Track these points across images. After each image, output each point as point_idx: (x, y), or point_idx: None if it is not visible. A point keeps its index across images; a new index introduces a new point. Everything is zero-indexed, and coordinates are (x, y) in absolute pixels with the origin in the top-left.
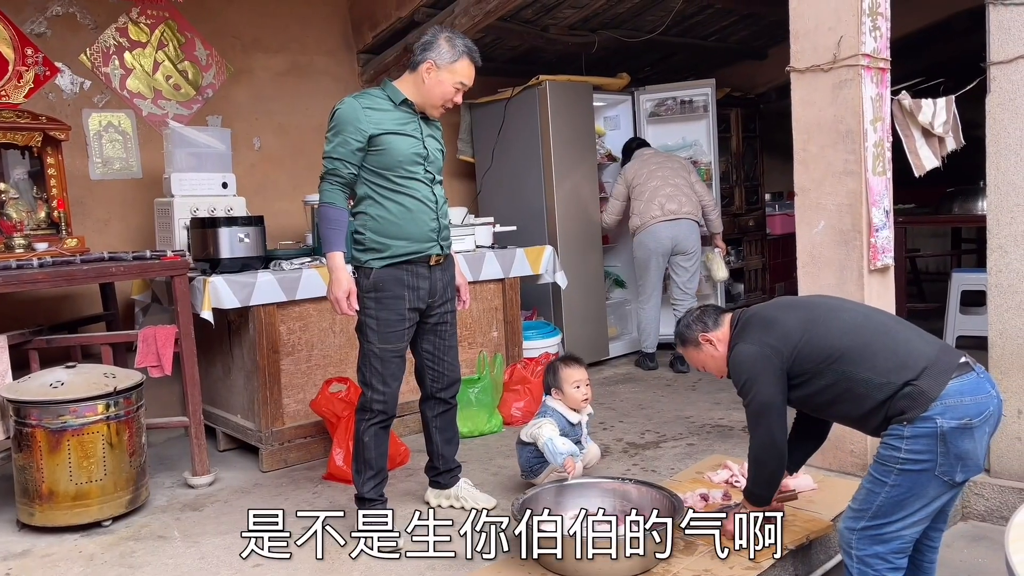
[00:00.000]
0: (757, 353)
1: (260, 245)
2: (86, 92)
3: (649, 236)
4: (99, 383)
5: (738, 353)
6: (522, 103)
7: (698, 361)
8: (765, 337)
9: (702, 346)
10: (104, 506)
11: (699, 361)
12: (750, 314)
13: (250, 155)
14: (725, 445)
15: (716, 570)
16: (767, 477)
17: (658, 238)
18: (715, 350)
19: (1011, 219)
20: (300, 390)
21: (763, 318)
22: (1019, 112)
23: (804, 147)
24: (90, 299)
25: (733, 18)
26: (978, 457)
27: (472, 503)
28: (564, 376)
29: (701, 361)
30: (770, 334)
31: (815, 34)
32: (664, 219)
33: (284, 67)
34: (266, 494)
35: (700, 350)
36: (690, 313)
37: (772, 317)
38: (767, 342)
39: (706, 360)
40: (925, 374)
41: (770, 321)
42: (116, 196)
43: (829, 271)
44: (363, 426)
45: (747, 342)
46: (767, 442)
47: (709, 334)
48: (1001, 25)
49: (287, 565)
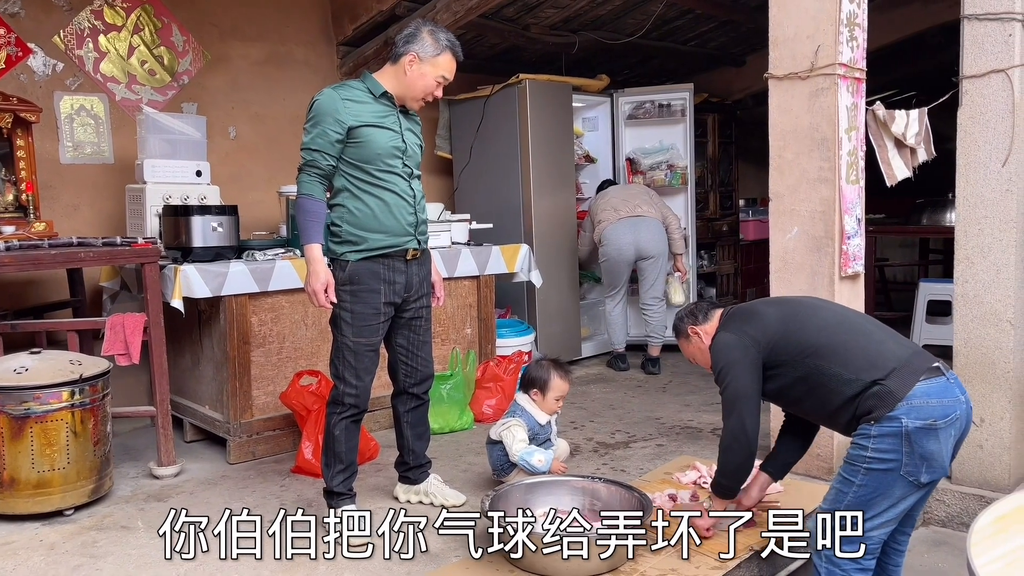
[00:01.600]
0: (736, 342)
1: (233, 235)
2: (59, 74)
3: (611, 245)
4: (64, 370)
5: (718, 341)
6: (501, 101)
7: (688, 352)
8: (745, 327)
9: (691, 338)
10: (67, 495)
11: (689, 352)
12: (736, 308)
13: (225, 144)
14: (694, 447)
15: (682, 569)
16: (734, 467)
17: (619, 246)
18: (702, 342)
19: (978, 231)
20: (270, 382)
21: (746, 311)
22: (989, 126)
23: (780, 154)
24: (57, 285)
25: (712, 24)
26: (943, 459)
27: (441, 499)
28: (554, 385)
29: (691, 352)
30: (750, 325)
31: (794, 42)
32: (620, 218)
33: (262, 56)
34: (233, 486)
35: (690, 342)
36: (687, 307)
37: (754, 311)
38: (746, 332)
39: (695, 352)
40: (893, 375)
41: (752, 314)
42: (87, 181)
43: (801, 276)
44: (334, 419)
45: (727, 331)
46: (738, 429)
47: (698, 327)
48: (975, 40)
49: (252, 558)
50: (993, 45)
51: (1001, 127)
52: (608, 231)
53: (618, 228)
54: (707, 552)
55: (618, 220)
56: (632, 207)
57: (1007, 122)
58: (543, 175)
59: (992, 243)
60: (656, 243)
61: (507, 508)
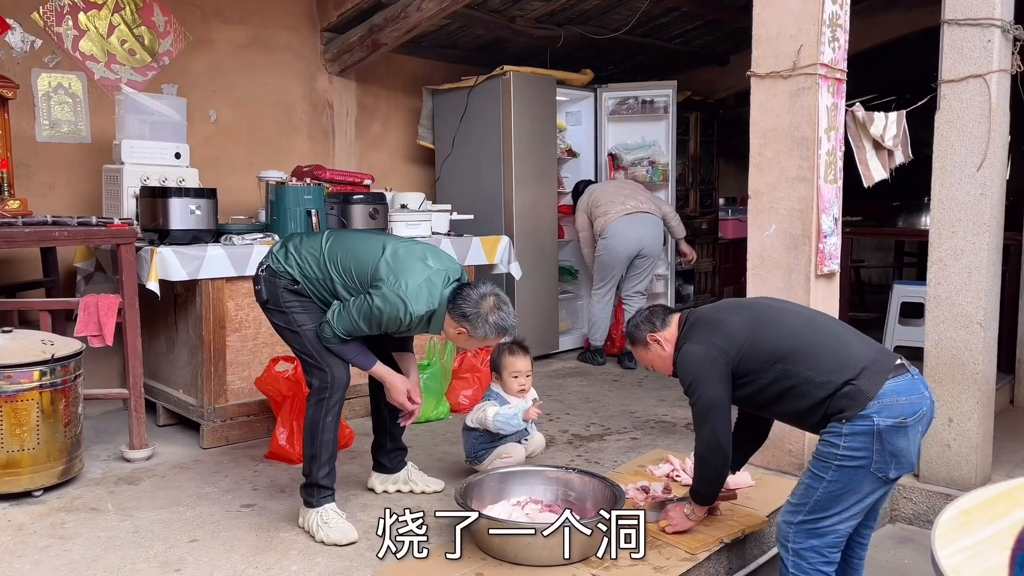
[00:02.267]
0: (704, 354)
1: (212, 218)
2: (37, 51)
3: (616, 239)
4: (36, 350)
5: (685, 353)
6: (485, 92)
7: (646, 360)
8: (712, 338)
9: (650, 346)
10: (36, 476)
11: (647, 360)
12: (697, 315)
13: (205, 127)
14: (668, 440)
15: (653, 559)
16: (711, 476)
17: (626, 241)
18: (662, 350)
19: (952, 233)
20: (245, 367)
21: (710, 320)
22: (966, 130)
23: (760, 151)
24: (30, 265)
25: (697, 23)
26: (911, 455)
27: (423, 486)
28: (505, 363)
29: (649, 360)
30: (717, 335)
31: (776, 41)
32: (627, 213)
33: (245, 39)
34: (205, 470)
35: (648, 349)
36: (639, 313)
37: (718, 319)
38: (714, 343)
39: (654, 359)
40: (864, 374)
41: (716, 322)
42: (63, 160)
43: (778, 274)
44: (324, 407)
45: (694, 342)
46: (711, 441)
47: (657, 334)
48: (954, 44)
49: (224, 542)
50: (972, 50)
51: (977, 131)
52: (614, 225)
53: (625, 223)
54: (677, 544)
55: (625, 215)
56: (637, 203)
57: (983, 127)
58: (525, 167)
59: (965, 246)
60: (657, 241)
61: (482, 496)
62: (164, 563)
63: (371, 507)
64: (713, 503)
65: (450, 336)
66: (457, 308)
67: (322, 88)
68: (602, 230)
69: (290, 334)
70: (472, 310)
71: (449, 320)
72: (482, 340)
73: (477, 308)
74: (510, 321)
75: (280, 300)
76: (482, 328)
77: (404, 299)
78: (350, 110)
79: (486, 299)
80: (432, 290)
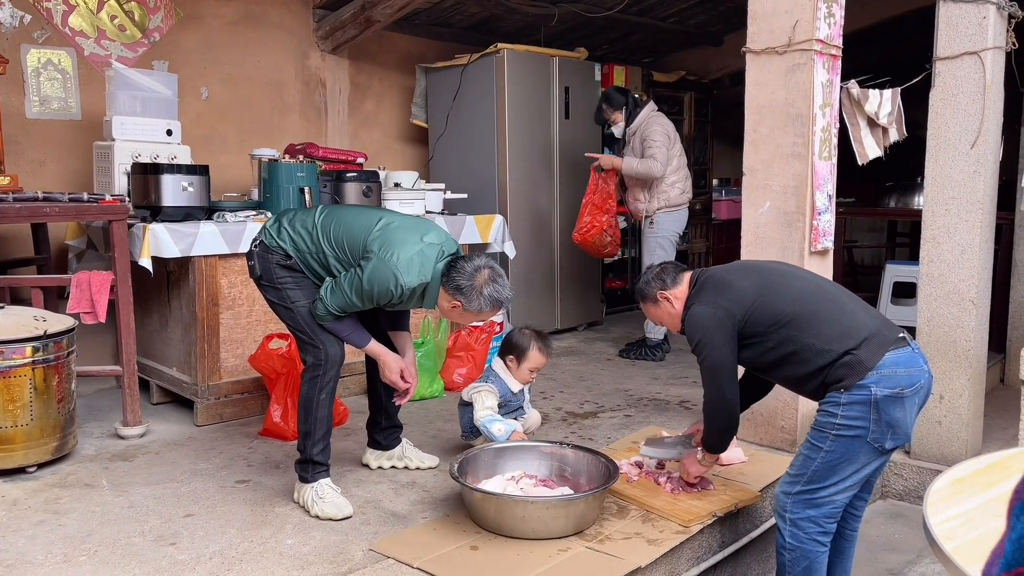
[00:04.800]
0: (711, 315)
1: (204, 195)
2: (26, 27)
3: (678, 221)
4: (28, 326)
5: (693, 314)
6: (479, 71)
7: (655, 316)
8: (720, 299)
9: (660, 303)
10: (29, 452)
11: (656, 316)
12: (708, 275)
13: (197, 104)
14: (662, 417)
15: (647, 533)
16: (720, 428)
17: (682, 222)
18: (672, 307)
19: (945, 211)
20: (239, 345)
21: (719, 280)
22: (960, 107)
23: (755, 128)
24: (21, 242)
25: (692, 1)
26: (907, 426)
27: (418, 462)
28: (531, 356)
29: (658, 317)
30: (725, 297)
31: (772, 17)
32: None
33: (236, 16)
34: (199, 447)
35: (658, 306)
36: (651, 270)
37: (728, 281)
38: (721, 304)
39: (663, 316)
40: (865, 344)
41: (726, 284)
42: (53, 137)
43: (772, 250)
44: (318, 384)
45: (702, 304)
46: (718, 398)
47: (667, 291)
48: (950, 21)
49: (219, 517)
50: (967, 27)
51: (972, 109)
52: (680, 213)
53: (684, 212)
54: (671, 517)
55: (685, 205)
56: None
57: (978, 104)
58: (519, 146)
59: (958, 223)
60: None
61: (476, 471)
62: (159, 537)
63: (366, 482)
64: (722, 452)
65: (444, 310)
66: (451, 281)
67: (314, 66)
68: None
69: (284, 310)
70: (466, 282)
71: (443, 294)
72: (477, 313)
73: (471, 280)
74: (505, 294)
75: (273, 276)
76: (476, 301)
77: (395, 270)
78: (343, 88)
79: (480, 271)
80: (425, 263)
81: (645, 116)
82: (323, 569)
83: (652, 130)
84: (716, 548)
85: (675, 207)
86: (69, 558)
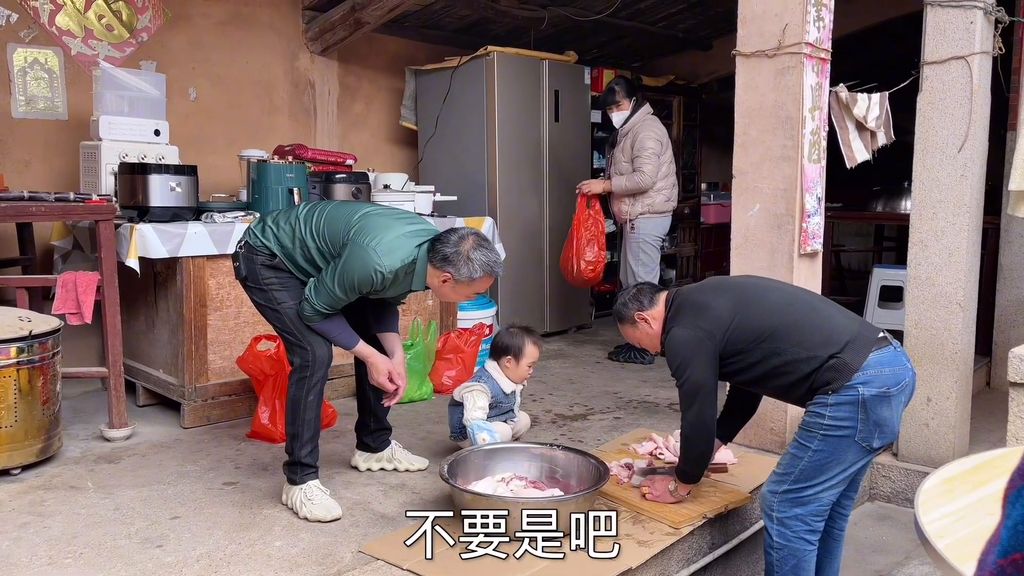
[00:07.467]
0: (691, 337)
1: (192, 195)
2: (12, 26)
3: (661, 226)
4: (13, 326)
5: (673, 337)
6: (469, 73)
7: (634, 338)
8: (699, 321)
9: (638, 324)
10: (13, 454)
11: (635, 338)
12: (683, 296)
13: (185, 105)
14: (651, 420)
15: (637, 534)
16: (696, 454)
17: (664, 228)
18: (649, 328)
19: (933, 214)
20: (227, 346)
21: (694, 302)
22: (947, 111)
23: (744, 131)
24: (6, 242)
25: (681, 6)
26: (894, 424)
27: (407, 464)
28: (528, 352)
29: (636, 338)
30: (703, 318)
31: (762, 20)
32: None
33: (225, 16)
34: (186, 449)
35: (636, 327)
36: (627, 291)
37: (704, 302)
38: (701, 326)
39: (641, 337)
40: (848, 348)
41: (703, 306)
42: (39, 137)
43: (761, 253)
44: (306, 386)
45: (681, 326)
46: (697, 421)
47: (644, 312)
48: (937, 26)
49: (206, 519)
50: (955, 32)
51: (959, 113)
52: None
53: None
54: (661, 519)
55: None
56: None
57: (965, 108)
58: (509, 149)
59: (946, 227)
60: None
61: (467, 473)
62: (145, 539)
63: (355, 484)
64: (697, 483)
65: (435, 289)
66: (437, 253)
67: (304, 67)
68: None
69: (270, 312)
70: (452, 250)
71: (432, 271)
72: (469, 283)
73: (457, 248)
74: (494, 257)
75: (259, 277)
76: (466, 267)
77: (376, 255)
78: (332, 90)
79: (466, 239)
80: (406, 246)
81: (641, 118)
82: (312, 571)
83: (645, 135)
84: (706, 549)
85: (658, 213)
86: (54, 560)
